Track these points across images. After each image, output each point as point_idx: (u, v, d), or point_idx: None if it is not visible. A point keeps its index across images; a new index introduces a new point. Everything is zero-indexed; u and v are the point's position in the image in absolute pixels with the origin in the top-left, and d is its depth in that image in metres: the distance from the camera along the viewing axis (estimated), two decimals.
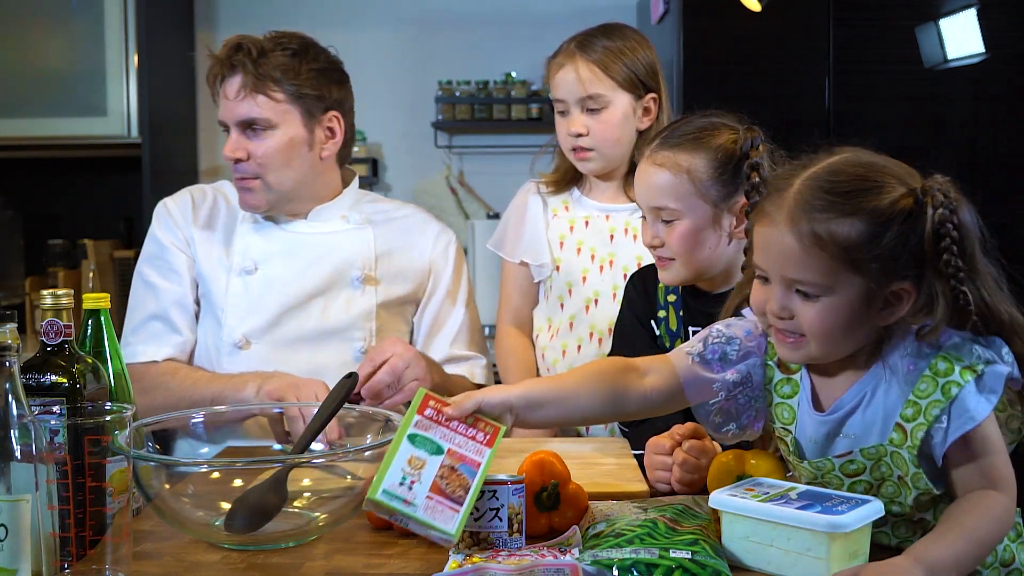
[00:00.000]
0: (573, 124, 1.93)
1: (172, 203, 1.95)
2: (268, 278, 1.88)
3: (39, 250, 3.65)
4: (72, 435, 1.12)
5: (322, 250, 1.90)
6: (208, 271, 1.89)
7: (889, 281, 1.14)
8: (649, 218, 1.57)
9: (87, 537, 1.13)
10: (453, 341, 1.98)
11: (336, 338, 1.87)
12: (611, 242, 1.98)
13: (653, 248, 1.58)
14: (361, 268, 1.90)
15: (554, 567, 1.05)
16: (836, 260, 1.13)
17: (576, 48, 1.94)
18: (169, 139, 3.61)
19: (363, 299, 1.90)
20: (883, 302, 1.16)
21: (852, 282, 1.14)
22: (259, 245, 1.90)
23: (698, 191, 1.52)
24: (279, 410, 1.60)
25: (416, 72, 3.80)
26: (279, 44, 1.85)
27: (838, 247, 1.13)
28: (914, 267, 1.14)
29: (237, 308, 1.86)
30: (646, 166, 1.55)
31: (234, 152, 1.84)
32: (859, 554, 1.11)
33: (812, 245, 1.14)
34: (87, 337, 1.35)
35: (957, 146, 3.01)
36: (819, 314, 1.15)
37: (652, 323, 1.67)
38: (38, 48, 3.41)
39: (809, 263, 1.14)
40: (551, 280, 2.02)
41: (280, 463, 1.29)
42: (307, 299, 1.87)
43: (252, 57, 1.81)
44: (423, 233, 2.00)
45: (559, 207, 2.05)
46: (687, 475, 1.40)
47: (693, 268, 1.56)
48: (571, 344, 1.97)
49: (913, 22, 2.99)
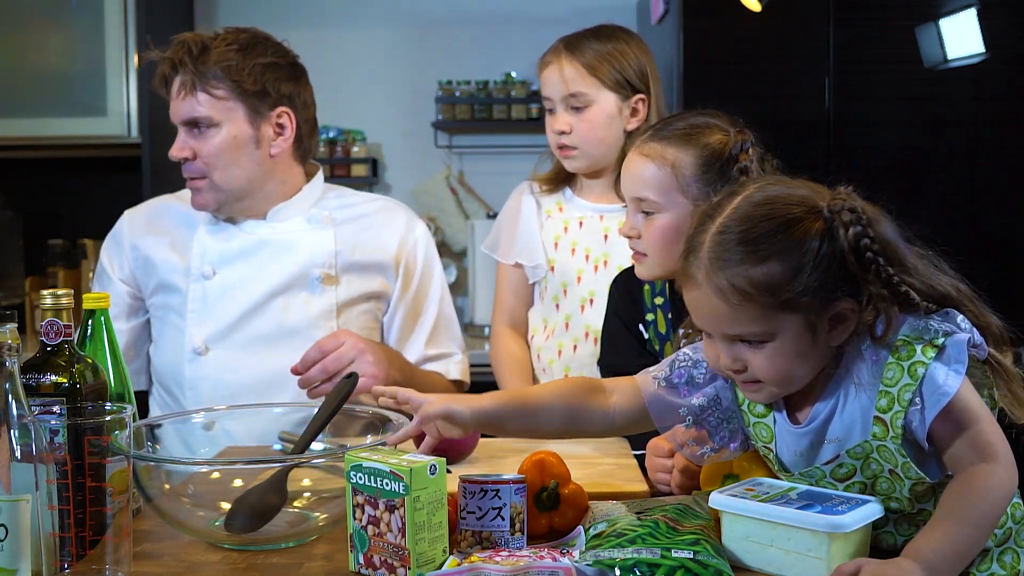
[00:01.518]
0: (557, 122, 1.95)
1: (127, 222, 1.97)
2: (226, 282, 1.87)
3: (39, 250, 3.65)
4: (72, 435, 1.12)
5: (280, 250, 1.88)
6: (169, 281, 1.90)
7: (827, 307, 1.14)
8: (630, 208, 1.55)
9: (87, 537, 1.12)
10: (428, 341, 1.95)
11: (297, 338, 1.84)
12: (605, 242, 1.98)
13: (629, 238, 1.55)
14: (320, 267, 1.88)
15: (549, 569, 1.05)
16: (766, 307, 1.13)
17: (563, 47, 1.96)
18: (169, 139, 3.55)
19: (322, 299, 1.88)
20: (828, 326, 1.15)
21: (789, 321, 1.14)
22: (216, 248, 1.89)
23: (680, 186, 1.49)
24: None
25: (416, 72, 3.80)
26: (225, 40, 1.83)
27: (763, 294, 1.13)
28: (847, 284, 1.14)
29: (196, 314, 1.87)
30: (633, 155, 1.53)
31: (180, 152, 1.84)
32: (859, 554, 1.11)
33: (738, 299, 1.13)
34: (87, 337, 1.35)
35: (957, 146, 3.01)
36: (769, 359, 1.15)
37: (640, 327, 1.66)
38: (38, 48, 3.41)
39: (741, 316, 1.14)
40: (546, 281, 2.02)
41: (280, 463, 1.29)
42: (266, 300, 1.86)
43: (192, 55, 1.80)
44: (389, 225, 1.96)
45: (553, 208, 2.05)
46: (688, 481, 1.40)
47: (668, 266, 1.52)
48: (567, 344, 1.97)
49: (913, 22, 2.98)
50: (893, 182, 2.98)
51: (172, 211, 1.96)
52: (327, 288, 1.88)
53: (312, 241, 1.90)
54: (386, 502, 1.09)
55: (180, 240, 1.92)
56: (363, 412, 1.46)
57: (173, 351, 1.88)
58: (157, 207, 2.00)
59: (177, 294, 1.89)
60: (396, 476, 1.08)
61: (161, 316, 1.92)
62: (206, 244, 1.89)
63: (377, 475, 1.09)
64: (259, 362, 1.83)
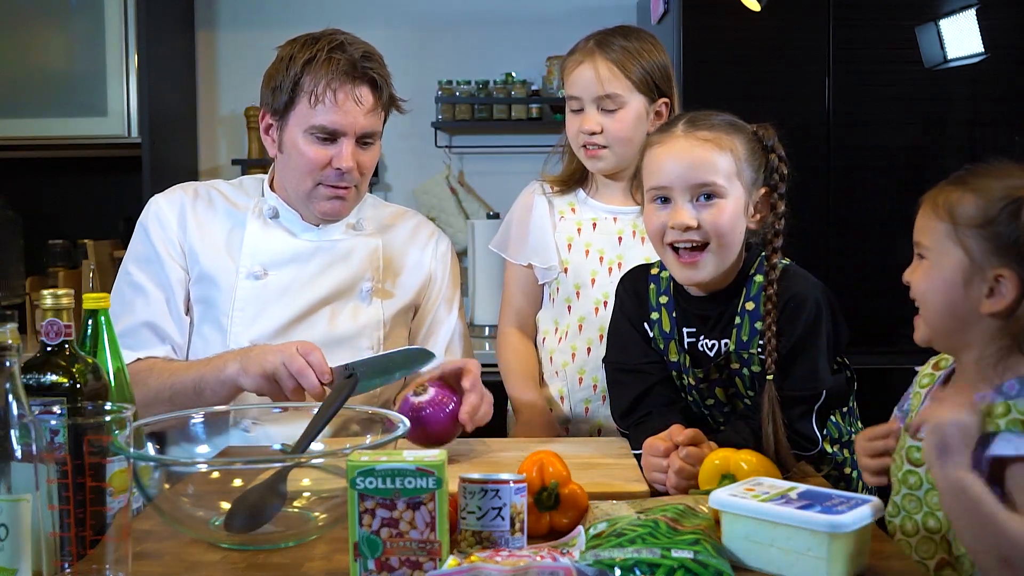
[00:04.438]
0: (587, 122, 1.92)
1: (167, 204, 1.89)
2: (278, 284, 1.85)
3: (39, 250, 3.65)
4: (72, 435, 1.12)
5: (331, 258, 1.88)
6: (211, 273, 1.85)
7: (989, 264, 1.18)
8: (684, 199, 1.53)
9: (87, 537, 1.12)
10: (447, 348, 1.98)
11: (344, 347, 1.84)
12: (619, 244, 1.98)
13: (687, 229, 1.52)
14: (371, 280, 1.90)
15: (548, 569, 1.05)
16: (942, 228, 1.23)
17: (595, 46, 1.93)
18: (169, 139, 3.60)
19: (371, 309, 1.89)
20: (987, 290, 1.18)
21: (954, 251, 1.21)
22: (268, 249, 1.86)
23: (739, 172, 1.53)
24: (278, 410, 1.60)
25: (416, 72, 3.80)
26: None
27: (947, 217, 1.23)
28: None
29: (244, 313, 1.83)
30: (686, 142, 1.53)
31: (350, 162, 1.80)
32: (859, 554, 1.11)
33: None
34: (87, 337, 1.35)
35: (957, 146, 3.01)
36: (924, 274, 1.24)
37: (645, 325, 1.67)
38: (38, 48, 3.41)
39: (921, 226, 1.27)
40: (558, 282, 2.01)
41: (280, 463, 1.29)
42: (315, 308, 1.86)
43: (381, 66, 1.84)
44: (421, 240, 2.00)
45: (566, 209, 2.04)
46: (683, 482, 1.40)
47: (725, 256, 1.54)
48: (580, 346, 1.97)
49: (913, 22, 2.99)
50: (893, 182, 2.99)
51: (214, 201, 1.92)
52: (375, 300, 1.90)
53: (362, 251, 1.91)
54: (408, 500, 1.08)
55: (221, 233, 1.88)
56: (363, 412, 1.46)
57: (213, 349, 1.83)
58: (197, 193, 1.92)
59: (217, 288, 1.85)
60: (424, 472, 1.08)
61: (200, 310, 1.87)
62: (258, 243, 1.87)
63: (397, 475, 1.08)
64: None
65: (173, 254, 1.86)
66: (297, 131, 1.80)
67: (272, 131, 1.86)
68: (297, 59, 1.79)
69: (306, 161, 1.80)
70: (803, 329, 1.53)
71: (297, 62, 1.79)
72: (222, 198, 1.93)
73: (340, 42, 1.80)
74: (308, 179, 1.82)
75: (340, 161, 1.79)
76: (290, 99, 1.79)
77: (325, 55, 1.78)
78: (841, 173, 3.02)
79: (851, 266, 2.99)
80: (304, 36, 1.84)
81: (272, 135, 1.86)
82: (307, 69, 1.78)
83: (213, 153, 3.88)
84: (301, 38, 1.84)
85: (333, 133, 1.79)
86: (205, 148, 3.87)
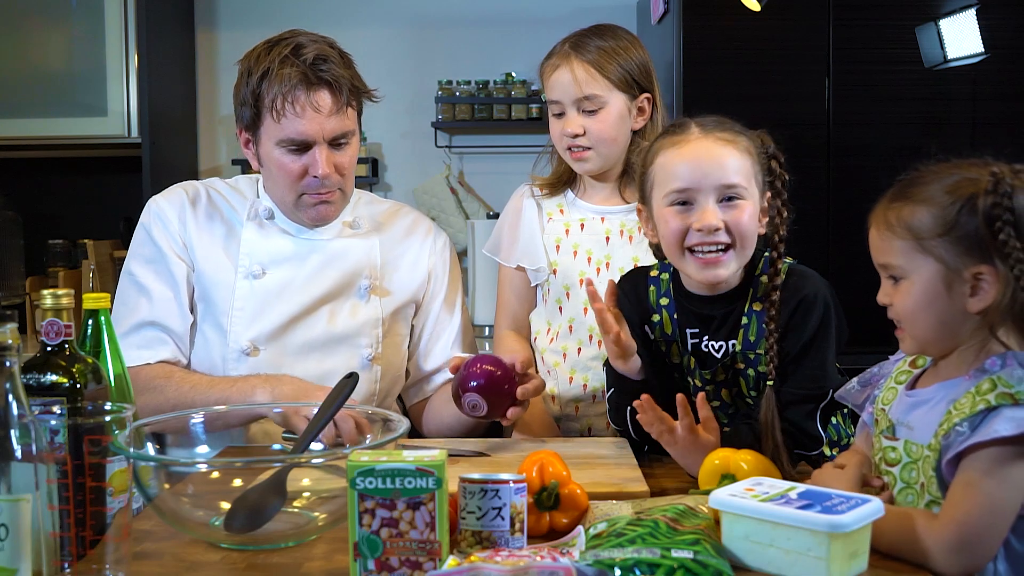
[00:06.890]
0: (569, 125, 1.93)
1: (166, 203, 1.89)
2: (276, 283, 1.85)
3: (39, 250, 3.65)
4: (72, 435, 1.12)
5: (329, 256, 1.89)
6: (210, 273, 1.85)
7: (963, 265, 1.17)
8: (710, 200, 1.52)
9: (87, 537, 1.13)
10: (451, 347, 2.00)
11: (343, 345, 1.86)
12: (607, 244, 1.98)
13: (714, 231, 1.51)
14: (368, 278, 1.90)
15: (548, 569, 1.05)
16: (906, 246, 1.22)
17: (571, 49, 1.94)
18: (169, 139, 3.60)
19: (368, 307, 1.89)
20: (969, 289, 1.18)
21: (925, 265, 1.20)
22: (266, 249, 1.87)
23: (755, 175, 1.54)
24: (279, 410, 1.60)
25: (416, 72, 3.80)
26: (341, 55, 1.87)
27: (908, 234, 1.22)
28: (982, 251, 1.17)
29: (244, 313, 1.83)
30: (708, 143, 1.53)
31: (328, 168, 1.81)
32: (859, 554, 1.11)
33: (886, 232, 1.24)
34: (87, 337, 1.35)
35: (957, 146, 3.01)
36: (902, 295, 1.22)
37: (646, 327, 1.66)
38: (38, 48, 3.41)
39: (885, 248, 1.24)
40: (548, 284, 2.02)
41: (280, 463, 1.29)
42: (314, 306, 1.86)
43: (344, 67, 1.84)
44: (418, 237, 2.01)
45: (554, 210, 2.04)
46: (689, 435, 1.45)
47: (744, 258, 1.55)
48: (571, 347, 1.97)
49: (913, 22, 2.99)
50: (893, 182, 2.98)
51: (213, 200, 1.92)
52: (373, 298, 1.90)
53: (359, 249, 1.91)
54: (408, 500, 1.08)
55: (219, 232, 1.89)
56: (363, 412, 1.46)
57: (215, 349, 1.84)
58: (197, 192, 1.92)
59: (217, 287, 1.85)
60: (424, 472, 1.08)
61: (200, 308, 1.87)
62: (255, 242, 1.87)
63: (397, 475, 1.08)
64: (308, 367, 1.82)
65: (177, 250, 1.87)
66: (270, 145, 1.81)
67: (250, 145, 1.86)
68: (254, 73, 1.79)
69: (284, 174, 1.81)
70: (814, 329, 1.53)
71: (254, 76, 1.79)
72: (220, 197, 1.93)
73: (294, 46, 1.78)
74: (291, 191, 1.83)
75: (316, 169, 1.80)
76: (255, 114, 1.80)
77: (277, 67, 1.77)
78: (841, 173, 3.02)
79: (851, 266, 2.98)
80: (260, 46, 1.83)
81: (251, 149, 1.87)
82: (263, 83, 1.78)
83: (213, 153, 3.88)
84: (257, 49, 1.83)
85: (303, 143, 1.79)
86: (205, 148, 3.87)
